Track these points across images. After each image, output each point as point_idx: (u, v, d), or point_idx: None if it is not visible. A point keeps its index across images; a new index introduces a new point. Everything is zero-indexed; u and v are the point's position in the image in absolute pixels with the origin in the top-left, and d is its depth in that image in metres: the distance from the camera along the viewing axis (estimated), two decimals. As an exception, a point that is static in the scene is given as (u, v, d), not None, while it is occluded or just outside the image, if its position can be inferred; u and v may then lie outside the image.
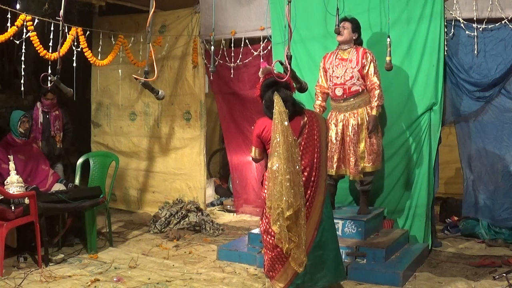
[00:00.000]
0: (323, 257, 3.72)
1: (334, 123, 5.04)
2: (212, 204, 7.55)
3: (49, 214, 4.89)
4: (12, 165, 5.00)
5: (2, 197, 4.76)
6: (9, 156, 5.08)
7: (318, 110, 5.16)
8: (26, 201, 4.77)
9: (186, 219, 6.22)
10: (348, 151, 4.98)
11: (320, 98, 5.21)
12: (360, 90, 4.96)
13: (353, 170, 4.96)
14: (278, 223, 3.50)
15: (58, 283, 4.32)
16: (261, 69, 3.86)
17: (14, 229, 4.91)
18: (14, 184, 4.84)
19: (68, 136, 6.34)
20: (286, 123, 3.58)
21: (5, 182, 4.88)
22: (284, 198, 3.47)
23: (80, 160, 5.95)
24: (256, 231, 5.27)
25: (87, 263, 4.89)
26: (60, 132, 6.21)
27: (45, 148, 6.03)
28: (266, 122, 3.74)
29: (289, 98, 3.72)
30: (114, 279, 4.42)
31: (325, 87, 5.16)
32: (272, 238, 3.67)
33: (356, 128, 4.95)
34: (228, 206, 7.32)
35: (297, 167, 3.57)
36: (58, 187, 5.44)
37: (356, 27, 5.02)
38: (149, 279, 4.46)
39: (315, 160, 3.69)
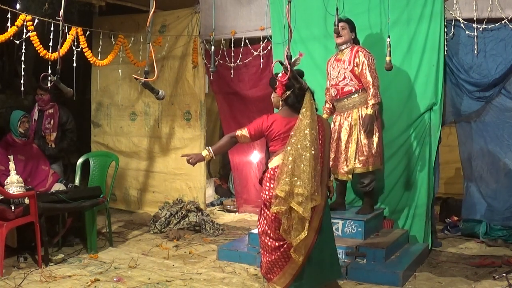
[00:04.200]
0: (320, 258, 3.71)
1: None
2: (212, 204, 7.56)
3: (49, 214, 4.89)
4: (12, 165, 4.99)
5: (2, 197, 4.77)
6: (9, 156, 5.07)
7: (325, 112, 5.23)
8: (26, 201, 4.77)
9: (186, 219, 6.23)
10: (340, 150, 4.99)
11: (329, 102, 5.26)
12: (354, 90, 4.96)
13: (342, 170, 4.97)
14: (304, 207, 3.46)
15: (58, 283, 4.32)
16: (295, 59, 3.72)
17: (14, 229, 4.91)
18: (14, 184, 4.83)
19: (68, 136, 6.07)
20: (315, 117, 3.59)
21: (5, 182, 4.87)
22: (311, 185, 3.44)
23: (80, 160, 5.95)
24: (256, 231, 5.26)
25: (87, 263, 4.89)
26: (52, 131, 5.94)
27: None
28: (276, 117, 3.72)
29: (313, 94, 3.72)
30: (114, 279, 4.42)
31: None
32: (271, 240, 3.66)
33: (348, 129, 4.96)
34: (228, 206, 7.33)
35: (318, 166, 3.57)
36: (58, 187, 5.44)
37: (352, 26, 5.05)
38: (149, 279, 4.46)
39: (318, 166, 3.68)
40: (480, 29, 5.04)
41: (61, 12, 4.09)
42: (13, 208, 4.66)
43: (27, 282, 4.34)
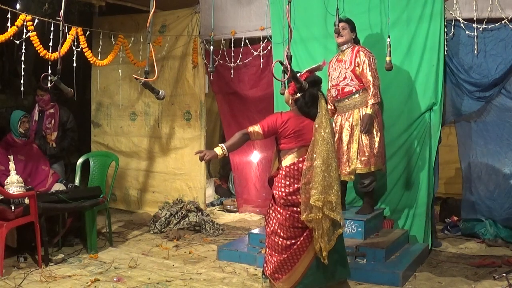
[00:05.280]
0: (331, 258, 3.71)
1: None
2: (212, 204, 7.56)
3: (49, 214, 4.89)
4: (12, 165, 5.00)
5: (2, 197, 4.77)
6: (9, 156, 5.07)
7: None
8: (26, 201, 4.77)
9: (186, 219, 6.23)
10: (342, 151, 4.99)
11: (330, 103, 5.24)
12: (354, 91, 4.96)
13: (344, 171, 4.97)
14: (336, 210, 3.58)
15: (58, 283, 4.32)
16: (318, 65, 3.77)
17: (14, 229, 4.91)
18: (14, 184, 4.83)
19: (69, 135, 6.07)
20: (332, 125, 3.63)
21: (5, 182, 4.88)
22: (339, 192, 3.58)
23: (80, 160, 5.95)
24: (256, 231, 5.28)
25: (87, 263, 4.89)
26: (52, 131, 5.95)
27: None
28: (290, 115, 3.71)
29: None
30: (114, 279, 4.42)
31: None
32: (281, 239, 3.66)
33: (349, 129, 4.96)
34: (229, 206, 7.32)
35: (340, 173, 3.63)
36: (58, 187, 5.44)
37: (353, 26, 5.06)
38: (149, 279, 4.46)
39: (340, 173, 3.69)
40: (480, 29, 5.04)
41: (61, 12, 4.08)
42: (13, 208, 4.66)
43: (27, 282, 4.34)
